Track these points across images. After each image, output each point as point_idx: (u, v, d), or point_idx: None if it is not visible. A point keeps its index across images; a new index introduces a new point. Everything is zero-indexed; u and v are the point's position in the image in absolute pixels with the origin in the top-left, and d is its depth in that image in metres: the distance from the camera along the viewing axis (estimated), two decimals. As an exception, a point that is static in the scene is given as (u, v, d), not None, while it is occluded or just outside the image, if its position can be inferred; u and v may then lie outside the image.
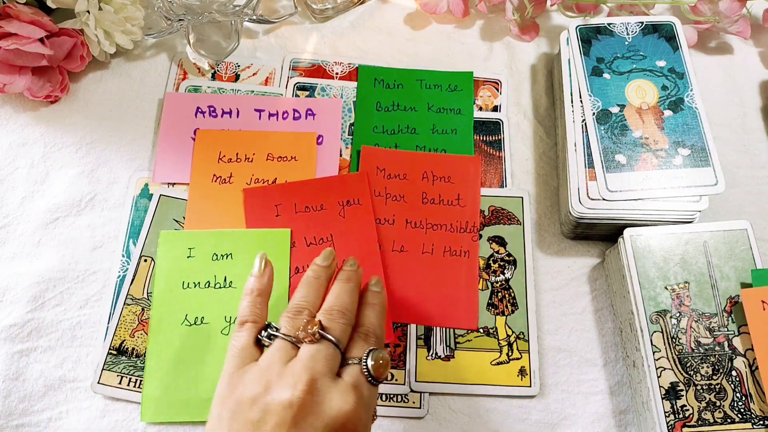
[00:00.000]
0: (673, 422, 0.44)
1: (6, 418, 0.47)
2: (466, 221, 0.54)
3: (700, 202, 0.50)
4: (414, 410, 0.48)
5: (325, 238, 0.52)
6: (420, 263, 0.52)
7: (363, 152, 0.56)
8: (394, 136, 0.58)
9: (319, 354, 0.36)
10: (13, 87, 0.54)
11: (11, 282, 0.51)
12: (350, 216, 0.53)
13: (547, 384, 0.50)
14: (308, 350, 0.36)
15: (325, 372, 0.35)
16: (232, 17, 0.58)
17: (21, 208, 0.54)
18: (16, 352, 0.49)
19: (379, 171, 0.55)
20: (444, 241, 0.53)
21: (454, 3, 0.62)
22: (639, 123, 0.52)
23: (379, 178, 0.55)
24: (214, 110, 0.58)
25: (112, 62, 0.61)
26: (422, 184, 0.55)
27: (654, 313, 0.46)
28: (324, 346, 0.37)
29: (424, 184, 0.55)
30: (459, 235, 0.53)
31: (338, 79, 0.60)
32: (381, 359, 0.37)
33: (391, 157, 0.56)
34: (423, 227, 0.53)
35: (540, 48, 0.63)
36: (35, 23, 0.53)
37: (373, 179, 0.55)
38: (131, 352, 0.49)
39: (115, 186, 0.55)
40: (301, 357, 0.36)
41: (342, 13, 0.64)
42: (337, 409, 0.34)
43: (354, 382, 0.36)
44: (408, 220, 0.54)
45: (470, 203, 0.55)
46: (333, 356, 0.36)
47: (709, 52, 0.64)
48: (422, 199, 0.54)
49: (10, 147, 0.56)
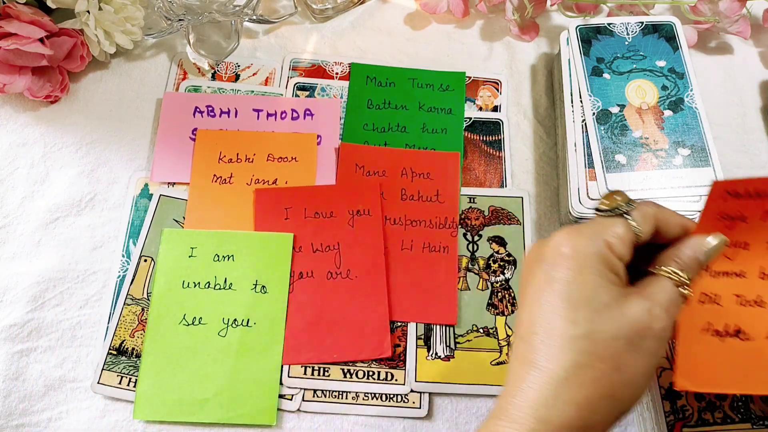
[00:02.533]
0: (673, 422, 0.44)
1: (6, 418, 0.47)
2: (446, 217, 0.54)
3: (700, 202, 0.50)
4: (414, 410, 0.48)
5: (332, 246, 0.52)
6: (399, 260, 0.52)
7: (342, 149, 0.56)
8: (384, 134, 0.58)
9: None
10: (13, 87, 0.54)
11: (11, 282, 0.51)
12: (359, 226, 0.53)
13: (547, 384, 0.50)
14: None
15: None
16: (232, 17, 0.58)
17: (21, 208, 0.54)
18: (16, 352, 0.49)
19: (357, 168, 0.55)
20: (423, 237, 0.53)
21: (454, 3, 0.62)
22: (639, 123, 0.52)
23: (358, 176, 0.55)
24: (213, 110, 0.58)
25: (112, 62, 0.61)
26: (401, 180, 0.55)
27: (654, 313, 0.46)
28: None
29: (403, 180, 0.55)
30: (438, 231, 0.53)
31: (338, 79, 0.60)
32: None
33: (370, 154, 0.56)
34: (402, 224, 0.53)
35: (540, 48, 0.63)
36: (35, 23, 0.53)
37: (352, 176, 0.55)
38: (131, 352, 0.49)
39: (115, 186, 0.55)
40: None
41: (342, 13, 0.64)
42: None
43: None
44: (387, 216, 0.54)
45: (449, 199, 0.55)
46: None
47: (709, 52, 0.64)
48: (401, 196, 0.54)
49: (10, 147, 0.56)
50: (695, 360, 0.36)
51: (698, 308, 0.36)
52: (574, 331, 0.31)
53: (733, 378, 0.36)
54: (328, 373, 0.49)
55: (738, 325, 0.36)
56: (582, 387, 0.30)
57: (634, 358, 0.31)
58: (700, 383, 0.36)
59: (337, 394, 0.48)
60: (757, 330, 0.36)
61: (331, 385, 0.48)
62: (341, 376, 0.49)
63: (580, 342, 0.31)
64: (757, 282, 0.37)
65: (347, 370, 0.49)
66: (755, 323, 0.36)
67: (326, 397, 0.48)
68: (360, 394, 0.48)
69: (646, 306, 0.32)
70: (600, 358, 0.30)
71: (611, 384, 0.31)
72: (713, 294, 0.37)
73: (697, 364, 0.36)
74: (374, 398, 0.48)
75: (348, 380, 0.49)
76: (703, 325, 0.36)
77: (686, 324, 0.36)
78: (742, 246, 0.37)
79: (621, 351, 0.31)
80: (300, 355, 0.49)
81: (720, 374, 0.36)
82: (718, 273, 0.37)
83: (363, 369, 0.49)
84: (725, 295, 0.37)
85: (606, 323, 0.31)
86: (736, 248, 0.37)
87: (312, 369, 0.49)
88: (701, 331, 0.36)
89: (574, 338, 0.31)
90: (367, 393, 0.48)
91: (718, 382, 0.36)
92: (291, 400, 0.48)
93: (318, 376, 0.49)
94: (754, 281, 0.37)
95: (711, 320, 0.36)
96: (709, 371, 0.36)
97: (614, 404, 0.31)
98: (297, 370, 0.49)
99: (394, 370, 0.49)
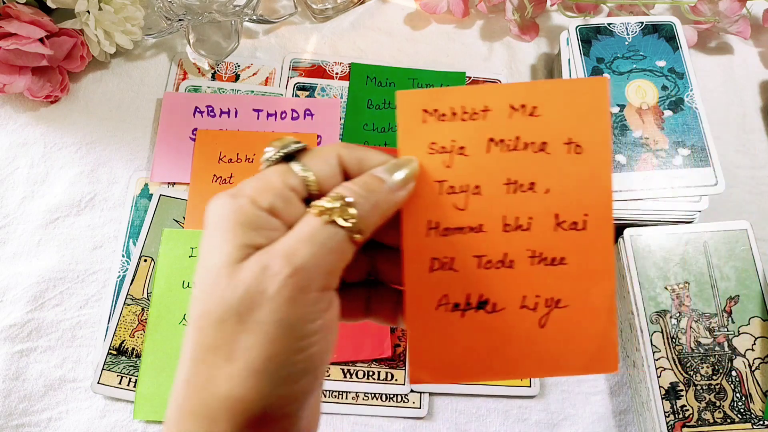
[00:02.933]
0: (673, 422, 0.44)
1: (6, 418, 0.47)
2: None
3: (700, 202, 0.49)
4: (414, 410, 0.48)
5: None
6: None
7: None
8: (384, 134, 0.58)
9: None
10: (13, 87, 0.54)
11: (11, 282, 0.51)
12: None
13: (547, 384, 0.50)
14: None
15: None
16: (232, 17, 0.58)
17: (21, 208, 0.54)
18: (16, 352, 0.49)
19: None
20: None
21: (454, 3, 0.62)
22: (639, 123, 0.52)
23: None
24: (213, 110, 0.58)
25: (112, 62, 0.60)
26: None
27: (654, 313, 0.46)
28: None
29: None
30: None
31: (338, 79, 0.60)
32: None
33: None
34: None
35: (540, 48, 0.63)
36: (35, 23, 0.53)
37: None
38: (131, 352, 0.49)
39: (115, 186, 0.55)
40: None
41: (342, 13, 0.64)
42: None
43: None
44: None
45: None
46: None
47: (709, 52, 0.64)
48: None
49: (10, 147, 0.56)
50: (431, 345, 0.29)
51: (427, 278, 0.29)
52: (192, 312, 0.24)
53: (483, 362, 0.29)
54: (328, 373, 0.49)
55: (483, 293, 0.29)
56: (198, 390, 0.24)
57: (245, 339, 0.23)
58: (441, 373, 0.29)
59: (337, 394, 0.48)
60: (507, 298, 0.29)
61: (331, 385, 0.48)
62: (341, 376, 0.49)
63: (193, 328, 0.24)
64: (500, 236, 0.29)
65: (347, 370, 0.49)
66: (505, 290, 0.29)
67: (326, 397, 0.48)
68: (360, 394, 0.48)
69: (262, 262, 0.23)
70: (210, 348, 0.23)
71: (233, 382, 0.23)
72: (446, 258, 0.29)
73: (434, 350, 0.29)
74: (374, 398, 0.48)
75: (348, 380, 0.49)
76: (437, 300, 0.29)
77: (414, 301, 0.29)
78: (472, 190, 0.29)
79: (230, 333, 0.23)
80: (300, 355, 0.49)
81: (465, 358, 0.29)
82: (448, 230, 0.29)
83: (363, 369, 0.49)
84: (462, 258, 0.29)
85: (215, 299, 0.23)
86: (465, 194, 0.29)
87: (312, 369, 0.49)
88: (436, 307, 0.29)
89: (193, 320, 0.24)
90: (367, 393, 0.48)
91: (463, 369, 0.29)
92: (291, 400, 0.48)
93: (318, 376, 0.49)
94: (497, 236, 0.29)
95: (447, 292, 0.29)
96: (451, 356, 0.29)
97: (237, 404, 0.23)
98: (297, 370, 0.49)
99: (394, 370, 0.49)
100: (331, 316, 0.25)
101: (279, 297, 0.23)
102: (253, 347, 0.23)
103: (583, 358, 0.29)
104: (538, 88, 0.29)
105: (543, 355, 0.29)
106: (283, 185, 0.25)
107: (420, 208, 0.29)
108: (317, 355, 0.24)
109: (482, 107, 0.28)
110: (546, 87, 0.29)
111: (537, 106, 0.28)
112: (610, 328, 0.29)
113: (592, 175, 0.28)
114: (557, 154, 0.28)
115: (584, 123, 0.28)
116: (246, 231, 0.24)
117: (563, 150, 0.28)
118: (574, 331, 0.29)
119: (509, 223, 0.29)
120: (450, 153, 0.28)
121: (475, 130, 0.28)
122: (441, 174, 0.29)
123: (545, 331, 0.29)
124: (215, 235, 0.24)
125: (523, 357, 0.29)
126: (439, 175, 0.29)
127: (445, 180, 0.29)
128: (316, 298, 0.24)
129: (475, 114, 0.28)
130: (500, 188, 0.28)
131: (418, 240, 0.29)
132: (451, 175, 0.28)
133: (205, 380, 0.23)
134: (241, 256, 0.24)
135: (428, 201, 0.29)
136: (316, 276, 0.23)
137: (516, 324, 0.29)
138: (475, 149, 0.28)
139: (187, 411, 0.24)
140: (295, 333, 0.23)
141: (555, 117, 0.28)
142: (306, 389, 0.24)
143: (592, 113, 0.28)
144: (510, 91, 0.29)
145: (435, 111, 0.28)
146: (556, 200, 0.28)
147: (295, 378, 0.23)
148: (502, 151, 0.28)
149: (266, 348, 0.23)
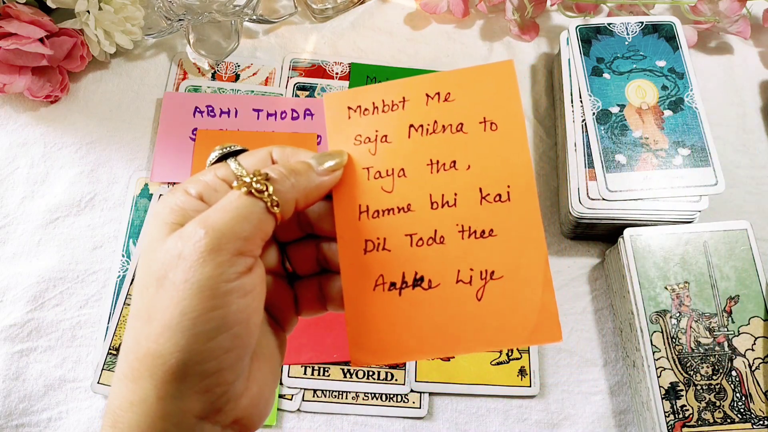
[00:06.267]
0: (673, 422, 0.44)
1: (6, 418, 0.47)
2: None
3: (700, 202, 0.49)
4: (414, 410, 0.48)
5: None
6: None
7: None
8: None
9: None
10: (13, 87, 0.54)
11: (11, 282, 0.51)
12: None
13: (547, 384, 0.50)
14: None
15: None
16: (232, 17, 0.58)
17: (21, 208, 0.54)
18: (16, 352, 0.49)
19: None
20: None
21: (454, 3, 0.62)
22: (639, 123, 0.52)
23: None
24: (213, 110, 0.58)
25: (112, 62, 0.61)
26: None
27: (654, 313, 0.46)
28: None
29: None
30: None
31: (338, 79, 0.60)
32: None
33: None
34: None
35: (540, 48, 0.63)
36: (35, 23, 0.53)
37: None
38: (131, 352, 0.49)
39: (115, 186, 0.55)
40: None
41: (342, 13, 0.64)
42: None
43: None
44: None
45: None
46: None
47: (709, 52, 0.64)
48: None
49: (10, 147, 0.56)
50: (370, 325, 0.30)
51: (362, 260, 0.30)
52: (136, 292, 0.27)
53: (425, 339, 0.29)
54: (328, 373, 0.49)
55: (417, 270, 0.30)
56: (125, 355, 0.26)
57: (161, 300, 0.25)
58: (382, 353, 0.30)
59: (337, 394, 0.48)
60: (442, 273, 0.30)
61: (331, 385, 0.48)
62: (341, 376, 0.49)
63: (135, 312, 0.26)
64: (429, 214, 0.30)
65: (347, 370, 0.49)
66: (439, 265, 0.30)
67: (326, 397, 0.48)
68: (360, 394, 0.48)
69: (180, 230, 0.26)
70: (135, 315, 0.26)
71: (150, 340, 0.25)
72: (378, 239, 0.30)
73: (374, 330, 0.30)
74: (374, 398, 0.48)
75: (348, 380, 0.49)
76: (374, 280, 0.30)
77: (351, 283, 0.30)
78: (397, 174, 0.30)
79: (150, 297, 0.25)
80: (300, 355, 0.49)
81: (406, 337, 0.30)
82: (379, 212, 0.30)
83: (363, 369, 0.49)
84: (394, 238, 0.30)
85: (142, 271, 0.26)
86: (391, 177, 0.30)
87: (312, 369, 0.49)
88: (373, 288, 0.30)
89: (134, 303, 0.26)
90: (367, 393, 0.49)
91: (405, 348, 0.30)
92: (291, 400, 0.48)
93: (318, 376, 0.49)
94: (426, 213, 0.30)
95: (383, 272, 0.30)
96: (391, 336, 0.30)
97: (159, 362, 0.25)
98: (297, 370, 0.49)
99: (394, 370, 0.49)
100: (252, 281, 0.26)
101: (191, 257, 0.25)
102: (168, 306, 0.25)
103: (525, 329, 0.29)
104: (449, 76, 0.31)
105: (484, 328, 0.29)
106: (213, 177, 0.28)
107: (350, 194, 0.31)
108: (233, 314, 0.25)
109: (400, 99, 0.31)
110: (457, 75, 0.31)
111: (450, 92, 0.31)
112: (548, 297, 0.29)
113: (510, 149, 0.30)
114: (474, 132, 0.31)
115: (496, 102, 0.31)
116: (174, 212, 0.27)
117: (479, 128, 0.31)
118: (512, 302, 0.29)
119: (436, 200, 0.30)
120: (374, 142, 0.31)
121: (396, 119, 0.31)
122: (367, 161, 0.31)
123: (483, 304, 0.29)
124: (150, 221, 0.27)
125: (464, 332, 0.29)
126: (366, 163, 0.31)
127: (371, 166, 0.31)
128: (231, 260, 0.25)
129: (394, 105, 0.31)
130: (424, 169, 0.30)
131: (350, 224, 0.30)
132: (376, 161, 0.31)
133: (131, 345, 0.26)
134: (167, 232, 0.26)
135: (357, 187, 0.31)
136: (229, 239, 0.25)
137: (454, 299, 0.30)
138: (397, 136, 0.31)
139: (119, 377, 0.26)
140: (208, 292, 0.25)
141: (468, 100, 0.31)
142: (225, 347, 0.25)
143: (502, 93, 0.31)
144: (425, 81, 0.31)
145: (359, 107, 0.31)
146: (478, 175, 0.30)
147: (210, 335, 0.25)
148: (422, 135, 0.31)
149: (179, 305, 0.24)
